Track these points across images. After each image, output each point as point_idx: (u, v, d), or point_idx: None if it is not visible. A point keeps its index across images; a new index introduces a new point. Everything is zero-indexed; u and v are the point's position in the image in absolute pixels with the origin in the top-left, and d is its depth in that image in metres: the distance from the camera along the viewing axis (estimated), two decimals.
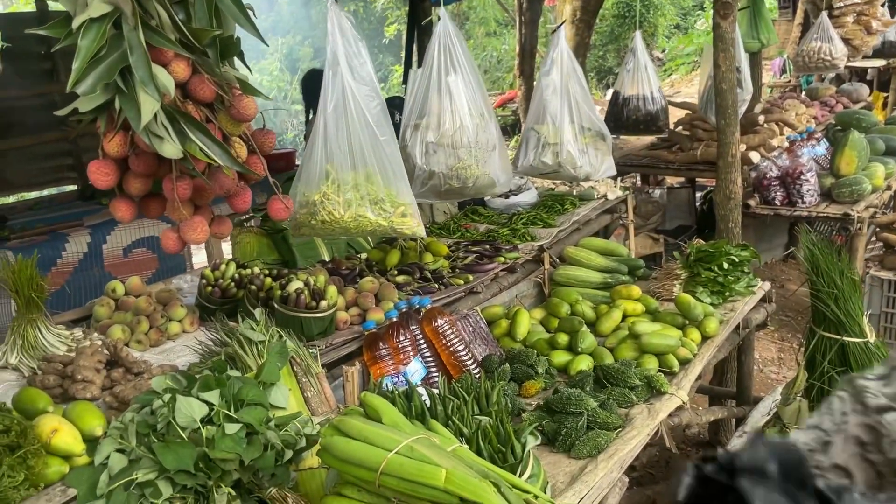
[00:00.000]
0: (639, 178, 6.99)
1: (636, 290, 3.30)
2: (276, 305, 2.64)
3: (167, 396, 1.92)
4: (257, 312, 2.37)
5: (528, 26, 8.36)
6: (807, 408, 2.87)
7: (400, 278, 3.21)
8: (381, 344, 2.66)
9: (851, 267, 2.85)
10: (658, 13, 22.42)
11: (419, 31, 4.52)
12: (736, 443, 3.06)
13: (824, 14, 6.03)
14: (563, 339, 2.96)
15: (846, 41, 6.18)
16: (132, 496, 1.74)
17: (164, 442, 1.82)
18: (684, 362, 2.85)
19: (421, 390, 2.39)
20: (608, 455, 2.25)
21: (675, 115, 6.58)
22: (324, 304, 2.63)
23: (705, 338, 3.03)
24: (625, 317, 3.22)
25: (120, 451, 1.87)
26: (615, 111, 4.75)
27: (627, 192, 4.62)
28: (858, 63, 8.09)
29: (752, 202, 5.22)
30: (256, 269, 2.92)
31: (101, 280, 4.41)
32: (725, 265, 3.38)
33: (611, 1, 19.52)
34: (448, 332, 2.80)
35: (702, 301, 3.28)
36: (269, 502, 1.97)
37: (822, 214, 5.17)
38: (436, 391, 2.40)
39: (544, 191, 4.76)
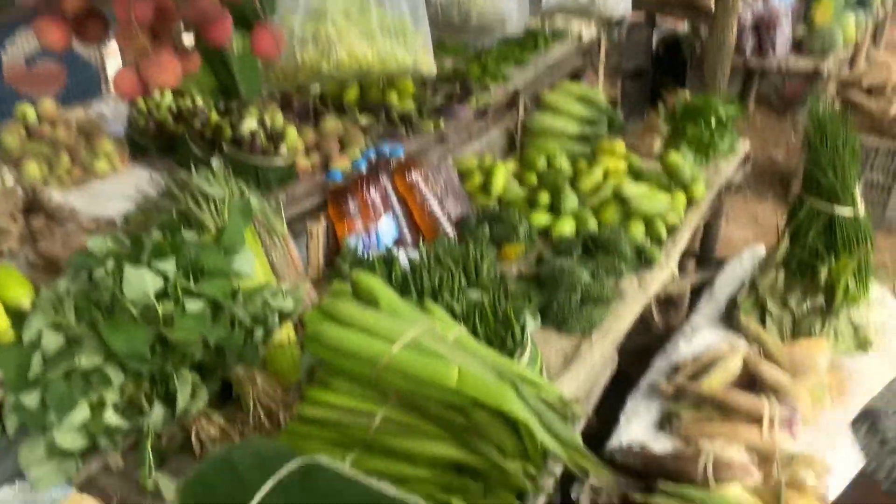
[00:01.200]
0: None
1: (620, 146, 3.05)
2: (225, 148, 2.25)
3: (111, 264, 1.58)
4: (215, 162, 1.99)
5: None
6: (782, 280, 2.79)
7: (363, 119, 2.83)
8: (348, 198, 2.35)
9: (854, 134, 2.67)
10: None
11: None
12: (704, 306, 2.98)
13: None
14: (544, 197, 2.71)
15: None
16: (75, 385, 1.45)
17: (111, 321, 1.51)
18: (671, 229, 2.68)
19: (401, 257, 2.13)
20: (602, 333, 2.10)
21: None
22: (284, 148, 2.26)
23: (690, 202, 2.86)
24: (606, 174, 2.98)
25: (55, 327, 1.55)
26: None
27: (602, 33, 4.23)
28: None
29: None
30: (199, 101, 2.48)
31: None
32: (713, 122, 3.16)
33: None
34: (423, 187, 2.50)
35: (686, 161, 3.07)
36: (236, 384, 1.73)
37: (792, 70, 4.96)
38: (415, 257, 2.15)
39: None
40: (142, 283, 1.53)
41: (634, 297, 2.27)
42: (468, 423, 1.38)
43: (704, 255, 3.62)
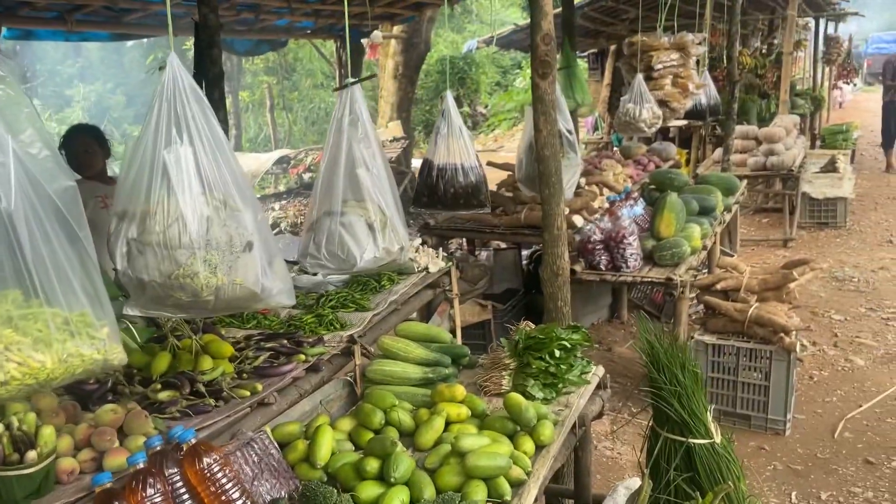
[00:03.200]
0: (465, 241, 6.67)
1: (460, 391, 2.80)
2: None
3: None
4: None
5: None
6: None
7: (163, 395, 2.50)
8: None
9: (693, 360, 2.55)
10: (479, 70, 23.25)
11: (207, 83, 3.88)
12: None
13: (639, 77, 6.08)
14: (372, 465, 2.37)
15: (664, 103, 6.28)
16: None
17: None
18: (518, 484, 2.38)
19: None
20: None
21: (499, 175, 6.36)
22: (32, 455, 1.88)
23: (539, 447, 2.59)
24: (449, 422, 2.71)
25: None
26: (429, 183, 4.29)
27: (451, 263, 4.18)
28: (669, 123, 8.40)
29: (577, 268, 4.99)
30: None
31: None
32: (557, 353, 2.99)
33: (434, 58, 19.88)
34: (219, 474, 2.12)
35: (534, 396, 2.85)
36: None
37: (646, 279, 5.04)
38: None
39: None
40: None
41: None
42: None
43: (579, 494, 3.29)
